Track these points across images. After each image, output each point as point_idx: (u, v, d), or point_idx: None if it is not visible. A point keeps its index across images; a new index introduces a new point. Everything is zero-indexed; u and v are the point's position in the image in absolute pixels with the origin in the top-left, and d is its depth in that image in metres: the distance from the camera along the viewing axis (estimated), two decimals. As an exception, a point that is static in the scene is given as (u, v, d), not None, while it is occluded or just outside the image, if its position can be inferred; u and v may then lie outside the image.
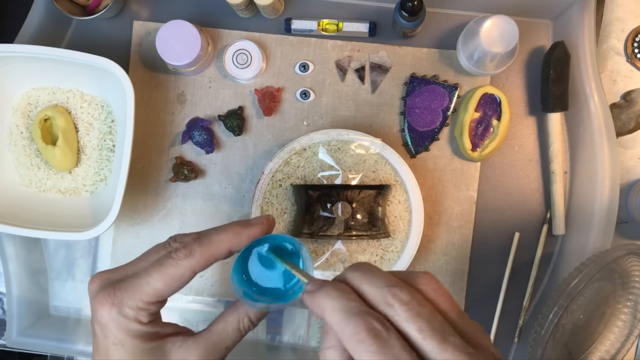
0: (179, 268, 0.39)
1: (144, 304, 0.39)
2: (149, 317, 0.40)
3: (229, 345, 0.42)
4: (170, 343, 0.41)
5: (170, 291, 0.39)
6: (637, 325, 0.63)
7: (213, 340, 0.41)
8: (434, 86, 0.66)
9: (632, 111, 0.67)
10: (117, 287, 0.39)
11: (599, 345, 0.64)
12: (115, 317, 0.39)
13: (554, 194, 0.65)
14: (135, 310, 0.39)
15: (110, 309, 0.39)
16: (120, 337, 0.39)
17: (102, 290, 0.39)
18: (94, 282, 0.40)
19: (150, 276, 0.39)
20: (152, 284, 0.39)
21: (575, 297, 0.55)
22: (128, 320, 0.39)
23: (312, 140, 0.62)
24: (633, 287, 0.62)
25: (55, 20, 0.67)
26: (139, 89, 0.68)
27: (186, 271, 0.39)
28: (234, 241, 0.40)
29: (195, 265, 0.39)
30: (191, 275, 0.39)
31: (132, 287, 0.39)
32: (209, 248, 0.39)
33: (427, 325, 0.30)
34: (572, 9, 0.64)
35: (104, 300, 0.39)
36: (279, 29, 0.67)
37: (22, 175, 0.66)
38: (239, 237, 0.40)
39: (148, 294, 0.39)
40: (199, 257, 0.39)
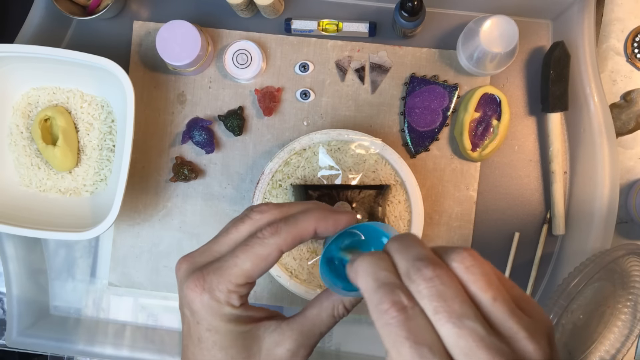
0: (265, 247, 0.38)
1: (234, 287, 0.38)
2: (240, 299, 0.39)
3: (323, 331, 0.41)
4: (264, 327, 0.40)
5: (258, 272, 0.38)
6: (637, 325, 0.63)
7: (307, 325, 0.41)
8: (434, 86, 0.66)
9: (632, 111, 0.67)
10: (205, 271, 0.38)
11: (599, 345, 0.64)
12: (208, 302, 0.38)
13: (554, 194, 0.65)
14: (226, 293, 0.38)
15: (202, 295, 0.38)
16: (214, 323, 0.38)
17: (191, 276, 0.38)
18: (180, 267, 0.40)
19: (237, 257, 0.38)
20: (240, 265, 0.37)
21: (575, 297, 0.55)
22: (220, 305, 0.38)
23: (312, 140, 0.62)
24: (633, 287, 0.62)
25: (55, 20, 0.67)
26: (139, 89, 0.68)
27: (273, 250, 0.38)
28: (320, 223, 0.39)
29: (282, 244, 0.38)
30: (278, 254, 0.38)
31: (221, 270, 0.38)
32: (296, 227, 0.38)
33: (444, 306, 0.28)
34: (572, 9, 0.64)
35: (194, 286, 0.38)
36: (279, 29, 0.67)
37: (22, 175, 0.66)
38: (326, 220, 0.39)
39: (237, 276, 0.38)
40: (286, 235, 0.38)
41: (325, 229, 0.39)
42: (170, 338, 0.69)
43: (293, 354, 0.40)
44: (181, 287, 0.39)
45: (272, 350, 0.39)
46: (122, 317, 0.69)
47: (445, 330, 0.28)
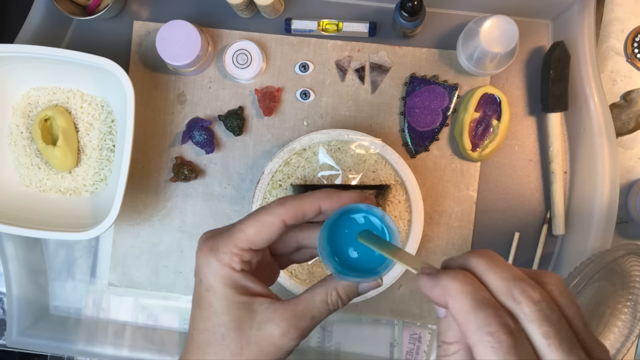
0: (269, 215, 0.41)
1: (237, 250, 0.41)
2: (241, 264, 0.41)
3: (315, 315, 0.42)
4: (259, 303, 0.42)
5: (261, 238, 0.41)
6: (637, 325, 0.63)
7: (300, 307, 0.42)
8: (434, 86, 0.66)
9: (632, 111, 0.67)
10: (217, 235, 0.42)
11: (599, 345, 0.64)
12: (211, 262, 0.41)
13: (554, 194, 0.65)
14: (230, 255, 0.41)
15: (208, 255, 0.41)
16: (213, 283, 0.41)
17: (206, 240, 0.42)
18: (205, 234, 0.43)
19: (243, 223, 0.41)
20: (244, 230, 0.41)
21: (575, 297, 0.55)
22: (221, 265, 0.41)
23: (312, 140, 0.62)
24: (633, 287, 0.62)
25: (55, 20, 0.67)
26: (139, 89, 0.68)
27: (276, 219, 0.40)
28: (324, 200, 0.41)
29: (285, 215, 0.40)
30: (280, 223, 0.41)
31: (228, 234, 0.41)
32: (301, 202, 0.41)
33: (554, 332, 0.27)
34: (572, 9, 0.64)
35: (204, 247, 0.41)
36: (279, 29, 0.67)
37: (22, 175, 0.66)
38: (330, 198, 0.41)
39: (240, 239, 0.40)
40: (289, 207, 0.41)
41: (330, 206, 0.41)
42: (170, 338, 0.69)
43: (283, 333, 0.41)
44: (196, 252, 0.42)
45: (262, 326, 0.41)
46: (122, 317, 0.69)
47: (555, 355, 0.27)
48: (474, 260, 0.31)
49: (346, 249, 0.41)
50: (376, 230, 0.40)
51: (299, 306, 0.42)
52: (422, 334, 0.67)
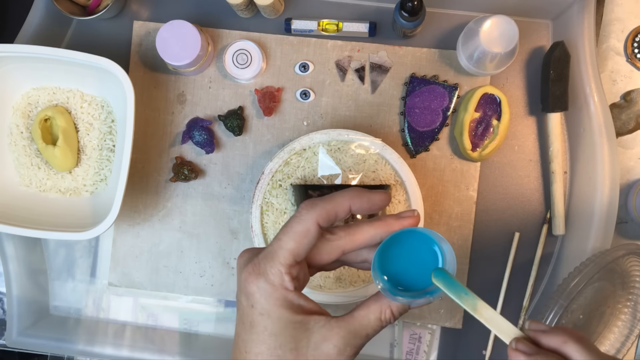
0: (302, 223, 0.40)
1: (285, 268, 0.40)
2: (292, 281, 0.40)
3: (369, 333, 0.42)
4: (314, 321, 0.41)
5: (303, 248, 0.40)
6: (637, 325, 0.63)
7: (355, 325, 0.41)
8: (434, 86, 0.66)
9: (632, 111, 0.67)
10: (260, 258, 0.41)
11: (599, 345, 0.64)
12: (263, 286, 0.40)
13: (554, 194, 0.65)
14: (280, 275, 0.40)
15: (257, 279, 0.40)
16: (267, 307, 0.40)
17: (248, 263, 0.41)
18: (242, 256, 0.42)
19: (280, 240, 0.40)
20: (284, 246, 0.40)
21: (575, 297, 0.55)
22: (274, 287, 0.40)
23: (312, 140, 0.62)
24: (633, 287, 0.62)
25: (55, 20, 0.67)
26: (139, 89, 0.68)
27: (310, 224, 0.40)
28: (354, 200, 0.41)
29: (318, 217, 0.40)
30: (316, 228, 0.40)
31: (270, 254, 0.40)
32: (330, 203, 0.41)
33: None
34: (572, 9, 0.64)
35: (251, 271, 0.40)
36: (279, 29, 0.67)
37: (22, 175, 0.66)
38: (360, 197, 0.41)
39: (284, 257, 0.40)
40: (320, 210, 0.40)
41: (360, 206, 0.41)
42: (170, 338, 0.69)
43: (339, 351, 0.40)
44: (239, 275, 0.42)
45: (319, 345, 0.40)
46: (122, 317, 0.69)
47: None
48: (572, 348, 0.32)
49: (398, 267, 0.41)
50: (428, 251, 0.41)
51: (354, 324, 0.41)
52: (422, 334, 0.67)
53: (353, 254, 0.44)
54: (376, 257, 0.40)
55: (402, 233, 0.41)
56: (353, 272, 0.63)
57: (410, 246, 0.41)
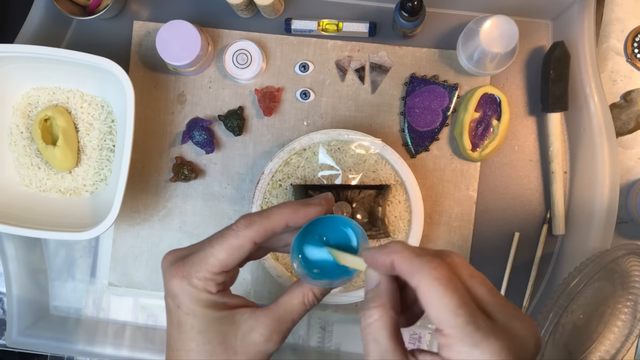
0: (238, 238, 0.41)
1: (210, 275, 0.42)
2: (216, 287, 0.42)
3: (295, 318, 0.44)
4: (239, 314, 0.43)
5: (233, 261, 0.42)
6: (637, 325, 0.63)
7: (280, 312, 0.43)
8: (434, 86, 0.66)
9: (632, 111, 0.67)
10: (186, 261, 0.42)
11: (599, 345, 0.64)
12: (187, 289, 0.42)
13: (554, 194, 0.65)
14: (204, 281, 0.42)
15: (181, 281, 0.42)
16: (192, 307, 0.42)
17: (173, 265, 0.43)
18: (166, 258, 0.44)
19: (213, 248, 0.42)
20: (215, 255, 0.41)
21: (575, 297, 0.55)
22: (197, 291, 0.42)
23: (312, 140, 0.62)
24: (633, 287, 0.62)
25: (55, 20, 0.67)
26: (139, 89, 0.68)
27: (246, 241, 0.41)
28: (291, 217, 0.42)
29: (254, 236, 0.42)
30: (251, 245, 0.42)
31: (198, 259, 0.42)
32: (268, 220, 0.42)
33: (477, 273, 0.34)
34: (572, 9, 0.64)
35: (175, 273, 0.42)
36: (279, 29, 0.67)
37: (22, 175, 0.66)
38: (297, 213, 0.42)
39: (213, 265, 0.41)
40: (258, 228, 0.42)
41: (296, 221, 0.42)
42: (170, 338, 0.69)
43: (266, 339, 0.43)
44: (164, 277, 0.43)
45: (247, 335, 0.43)
46: (122, 317, 0.69)
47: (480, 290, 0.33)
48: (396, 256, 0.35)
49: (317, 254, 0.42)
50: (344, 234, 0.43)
51: (279, 311, 0.44)
52: (422, 334, 0.67)
53: (275, 240, 0.45)
54: (295, 244, 0.42)
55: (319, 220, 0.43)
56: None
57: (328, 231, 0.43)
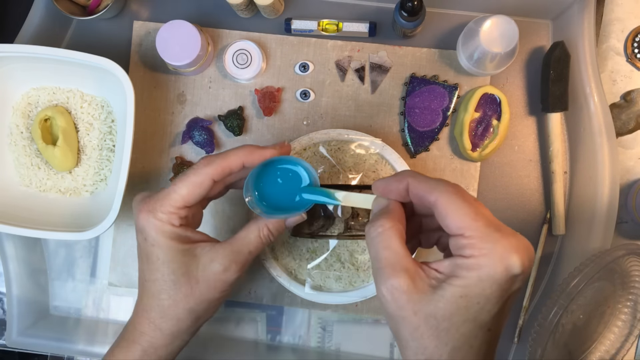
0: (198, 175, 0.47)
1: (173, 209, 0.47)
2: (179, 220, 0.47)
3: (252, 249, 0.49)
4: (200, 247, 0.48)
5: (194, 196, 0.47)
6: (637, 325, 0.63)
7: (237, 244, 0.49)
8: (434, 86, 0.66)
9: (632, 111, 0.67)
10: (152, 197, 0.48)
11: (599, 345, 0.64)
12: (152, 221, 0.47)
13: (554, 194, 0.65)
14: (167, 214, 0.47)
15: (147, 215, 0.47)
16: (157, 238, 0.47)
17: (141, 202, 0.48)
18: (136, 198, 0.49)
19: (175, 185, 0.47)
20: (177, 191, 0.47)
21: (575, 297, 0.55)
22: (162, 223, 0.47)
23: (312, 140, 0.62)
24: (633, 287, 0.62)
25: (55, 20, 0.67)
26: (139, 89, 0.68)
27: (205, 178, 0.47)
28: (247, 157, 0.47)
29: (213, 174, 0.47)
30: (209, 182, 0.47)
31: (162, 195, 0.47)
32: (225, 159, 0.47)
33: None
34: (572, 9, 0.64)
35: (142, 208, 0.47)
36: (279, 29, 0.67)
37: (22, 175, 0.66)
38: (252, 155, 0.48)
39: (175, 200, 0.47)
40: (216, 166, 0.47)
41: (252, 161, 0.48)
42: (170, 338, 0.69)
43: (225, 268, 0.48)
44: (134, 212, 0.49)
45: (207, 266, 0.48)
46: (122, 317, 0.69)
47: None
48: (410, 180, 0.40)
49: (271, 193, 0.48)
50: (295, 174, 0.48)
51: (236, 244, 0.48)
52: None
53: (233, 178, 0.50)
54: (248, 181, 0.47)
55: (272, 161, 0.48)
56: (352, 273, 0.63)
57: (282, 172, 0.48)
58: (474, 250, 0.35)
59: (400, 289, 0.36)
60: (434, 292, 0.36)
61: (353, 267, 0.63)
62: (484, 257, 0.35)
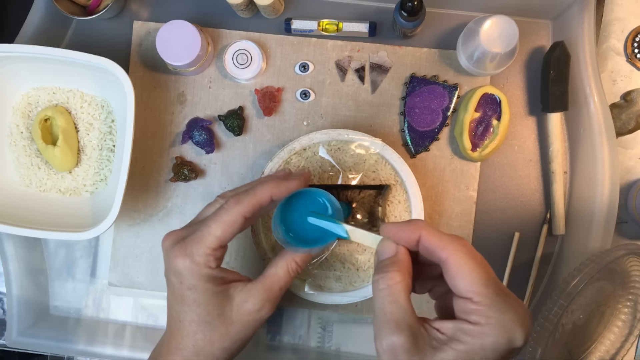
0: (230, 215, 0.47)
1: (210, 251, 0.47)
2: (216, 262, 0.48)
3: (282, 286, 0.49)
4: (234, 288, 0.49)
5: (228, 236, 0.47)
6: (637, 325, 0.63)
7: (268, 283, 0.49)
8: (434, 86, 0.66)
9: (632, 111, 0.67)
10: (186, 241, 0.47)
11: (599, 345, 0.64)
12: (189, 266, 0.47)
13: (554, 194, 0.65)
14: (204, 257, 0.47)
15: (184, 259, 0.47)
16: (194, 282, 0.47)
17: (175, 245, 0.48)
18: (167, 239, 0.49)
19: (209, 227, 0.47)
20: (212, 232, 0.47)
21: (575, 297, 0.55)
22: (199, 267, 0.47)
23: (312, 140, 0.62)
24: (633, 287, 0.62)
25: (55, 20, 0.67)
26: (139, 89, 0.68)
27: (237, 217, 0.47)
28: (274, 190, 0.48)
29: (244, 211, 0.47)
30: (242, 220, 0.47)
31: (198, 238, 0.47)
32: (254, 196, 0.48)
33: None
34: (572, 9, 0.64)
35: (178, 253, 0.47)
36: (279, 29, 0.67)
37: (22, 175, 0.66)
38: (279, 187, 0.48)
39: (211, 242, 0.47)
40: (246, 204, 0.47)
41: (280, 194, 0.48)
42: (170, 338, 0.69)
43: (259, 308, 0.48)
44: (167, 256, 0.48)
45: (241, 306, 0.48)
46: (122, 317, 0.69)
47: None
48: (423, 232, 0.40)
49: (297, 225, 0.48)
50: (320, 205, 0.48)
51: (267, 282, 0.49)
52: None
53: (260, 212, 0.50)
54: (276, 215, 0.47)
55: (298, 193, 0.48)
56: (352, 273, 0.63)
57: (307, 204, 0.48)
58: (481, 318, 0.35)
59: (402, 347, 0.36)
60: (434, 353, 0.36)
61: (353, 267, 0.63)
62: (490, 326, 0.35)
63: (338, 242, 0.63)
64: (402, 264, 0.39)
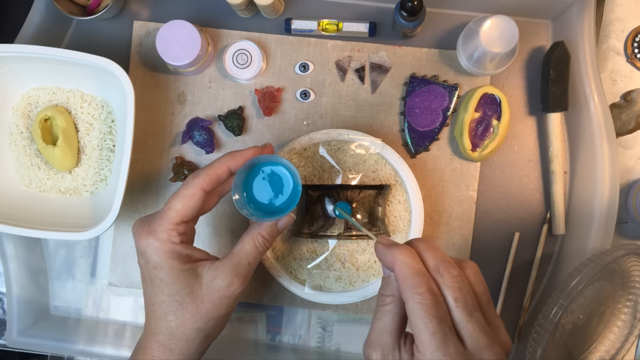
0: (189, 189, 0.48)
1: (172, 226, 0.48)
2: (179, 237, 0.48)
3: (250, 260, 0.50)
4: (202, 266, 0.49)
5: (190, 210, 0.48)
6: (637, 325, 0.63)
7: (235, 259, 0.50)
8: (434, 86, 0.66)
9: (632, 111, 0.67)
10: (149, 219, 0.49)
11: (599, 345, 0.64)
12: (152, 243, 0.48)
13: (554, 194, 0.65)
14: (167, 232, 0.48)
15: (147, 237, 0.48)
16: (158, 260, 0.48)
17: (139, 226, 0.49)
18: (135, 224, 0.50)
19: (170, 203, 0.49)
20: (172, 207, 0.48)
21: (575, 297, 0.55)
22: (162, 243, 0.48)
23: (312, 140, 0.62)
24: (633, 287, 0.62)
25: (55, 20, 0.67)
26: (139, 89, 0.68)
27: (196, 189, 0.48)
28: (231, 162, 0.50)
29: (202, 184, 0.48)
30: (201, 192, 0.49)
31: (159, 215, 0.49)
32: (211, 168, 0.49)
33: (462, 297, 0.37)
34: (572, 9, 0.64)
35: (142, 232, 0.48)
36: (279, 29, 0.67)
37: (22, 175, 0.66)
38: (234, 158, 0.50)
39: (172, 216, 0.48)
40: (203, 176, 0.49)
41: (236, 164, 0.50)
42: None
43: (228, 284, 0.49)
44: (134, 238, 0.49)
45: (210, 284, 0.49)
46: (122, 317, 0.69)
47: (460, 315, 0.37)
48: (417, 242, 0.41)
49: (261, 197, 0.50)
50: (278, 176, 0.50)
51: (235, 258, 0.50)
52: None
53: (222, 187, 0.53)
54: (235, 180, 0.48)
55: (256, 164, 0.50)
56: (352, 273, 0.63)
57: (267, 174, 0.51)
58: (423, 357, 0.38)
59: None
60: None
61: (353, 267, 0.63)
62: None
63: (338, 242, 0.63)
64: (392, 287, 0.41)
